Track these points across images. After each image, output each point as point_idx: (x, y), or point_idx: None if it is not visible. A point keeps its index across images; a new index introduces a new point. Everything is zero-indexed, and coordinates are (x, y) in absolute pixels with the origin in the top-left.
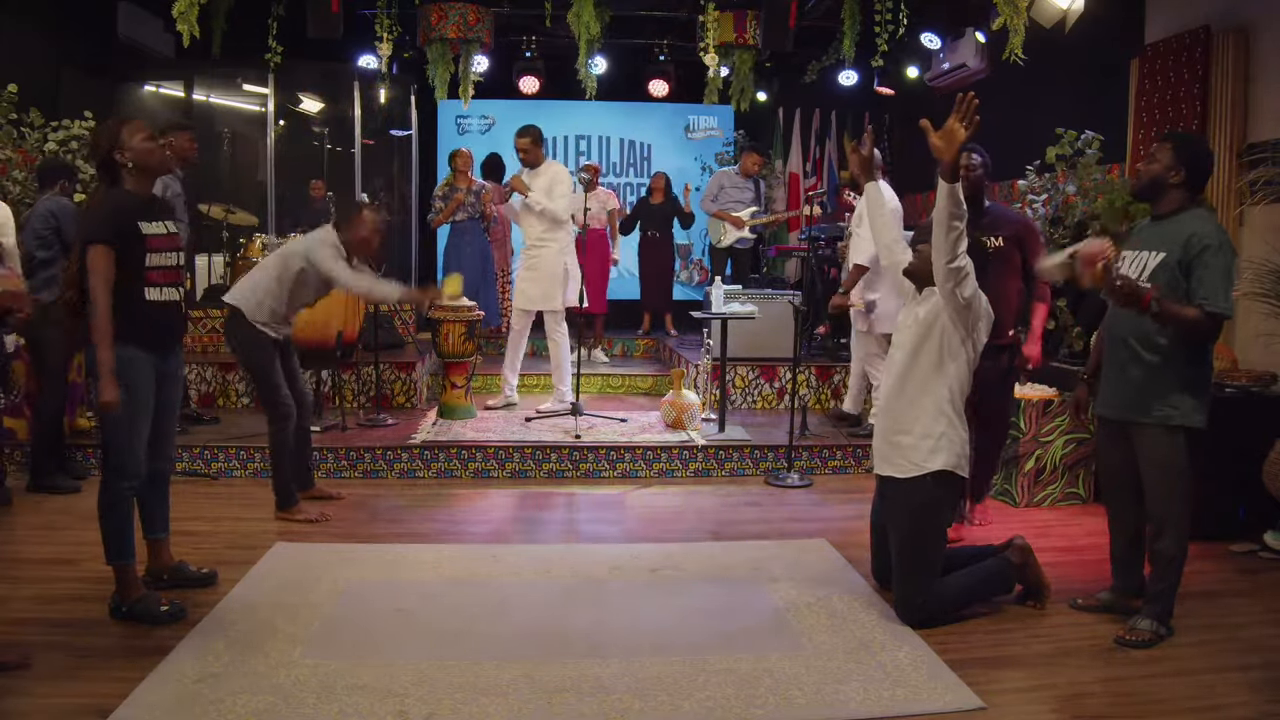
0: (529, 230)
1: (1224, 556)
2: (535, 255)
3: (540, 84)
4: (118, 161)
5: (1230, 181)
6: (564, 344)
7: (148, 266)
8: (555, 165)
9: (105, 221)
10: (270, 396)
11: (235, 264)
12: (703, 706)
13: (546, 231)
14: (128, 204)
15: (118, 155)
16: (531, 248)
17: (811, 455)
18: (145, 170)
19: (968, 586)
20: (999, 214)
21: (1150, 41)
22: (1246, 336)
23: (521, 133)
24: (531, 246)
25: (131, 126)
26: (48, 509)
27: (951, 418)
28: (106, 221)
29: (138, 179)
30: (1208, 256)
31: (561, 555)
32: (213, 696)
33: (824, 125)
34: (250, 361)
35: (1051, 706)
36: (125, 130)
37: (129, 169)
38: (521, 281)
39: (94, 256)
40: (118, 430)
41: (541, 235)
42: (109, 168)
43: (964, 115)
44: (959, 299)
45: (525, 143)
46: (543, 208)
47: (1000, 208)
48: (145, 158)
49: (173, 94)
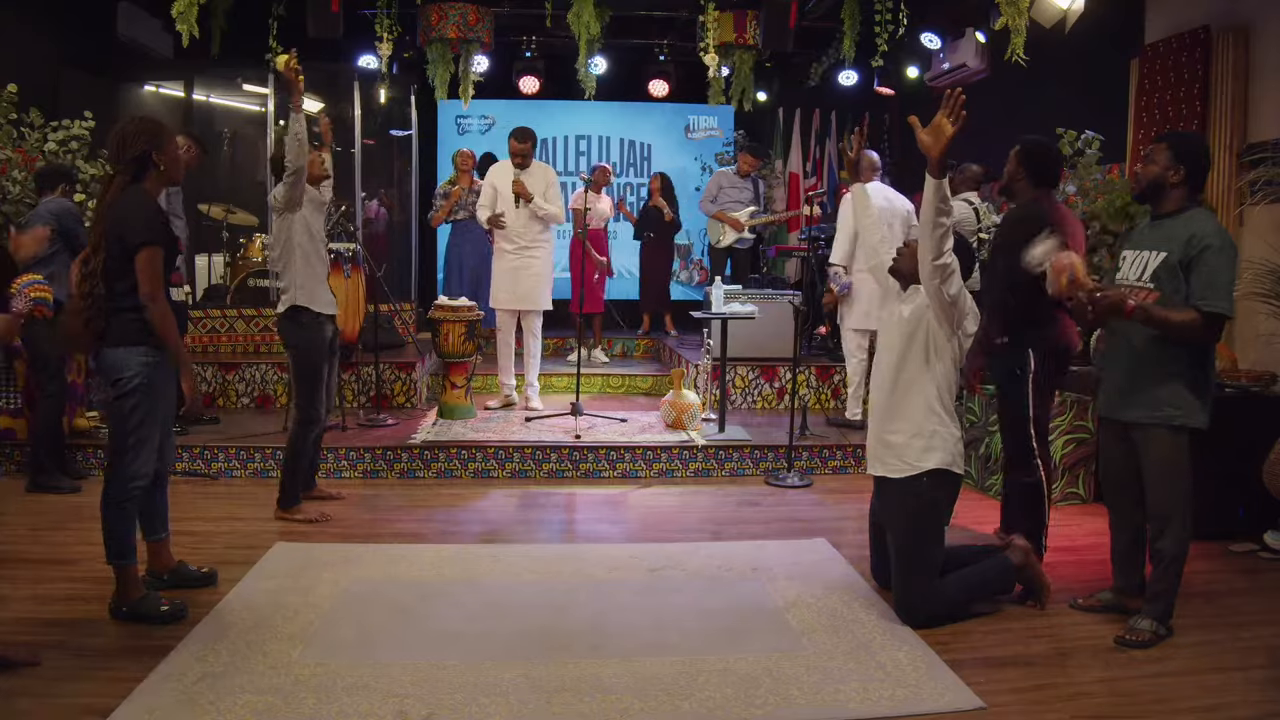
0: (524, 231)
1: (1224, 556)
2: (529, 256)
3: (540, 84)
4: (153, 161)
5: (1230, 181)
6: (540, 341)
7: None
8: (544, 166)
9: (155, 223)
10: (310, 400)
11: (235, 264)
12: (703, 706)
13: (542, 233)
14: (158, 205)
15: (155, 155)
16: (525, 248)
17: (811, 455)
18: (169, 180)
19: (967, 586)
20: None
21: (1150, 41)
22: (1246, 336)
23: (523, 137)
24: (525, 247)
25: (168, 133)
26: (48, 509)
27: (942, 415)
28: (156, 223)
29: (159, 184)
30: (1208, 256)
31: (561, 555)
32: (213, 696)
33: (824, 125)
34: (304, 363)
35: (1051, 706)
36: (166, 133)
37: (158, 172)
38: (508, 281)
39: (151, 259)
40: (137, 429)
41: (537, 236)
42: (140, 165)
43: (951, 111)
44: (945, 296)
45: (527, 147)
46: (546, 212)
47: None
48: (176, 168)
49: (173, 94)
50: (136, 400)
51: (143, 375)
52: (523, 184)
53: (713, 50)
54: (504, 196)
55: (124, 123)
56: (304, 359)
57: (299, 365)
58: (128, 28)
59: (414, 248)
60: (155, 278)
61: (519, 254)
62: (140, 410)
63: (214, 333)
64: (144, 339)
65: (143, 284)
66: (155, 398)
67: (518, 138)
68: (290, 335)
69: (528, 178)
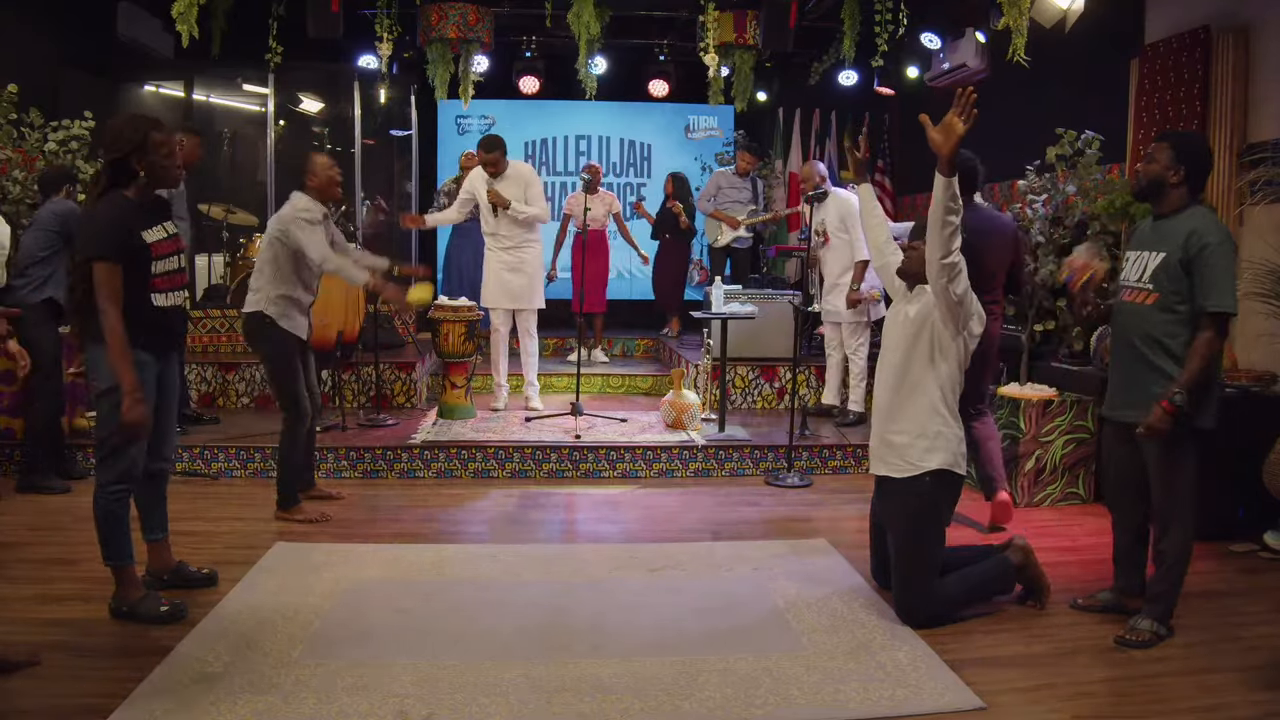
0: (510, 234)
1: (1224, 556)
2: (519, 257)
3: (540, 84)
4: (134, 167)
5: (1230, 181)
6: (536, 340)
7: (154, 274)
8: (521, 166)
9: (105, 236)
10: (291, 398)
11: (235, 264)
12: (703, 706)
13: (529, 233)
14: (126, 213)
15: (137, 162)
16: (513, 249)
17: (811, 455)
18: (155, 184)
19: (968, 586)
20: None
21: (1150, 41)
22: (1246, 336)
23: (490, 146)
24: (514, 249)
25: (157, 137)
26: (48, 509)
27: (946, 416)
28: (106, 236)
29: (143, 189)
30: (1208, 255)
31: (561, 555)
32: (212, 696)
33: (824, 125)
34: (276, 365)
35: (1051, 706)
36: (152, 139)
37: (142, 178)
38: (499, 282)
39: (99, 273)
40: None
41: (525, 237)
42: (121, 169)
43: (962, 110)
44: (951, 295)
45: (494, 157)
46: (527, 215)
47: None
48: (161, 175)
49: (173, 94)
50: (114, 400)
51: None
52: (497, 193)
53: (713, 50)
54: (484, 203)
55: (116, 119)
56: (274, 361)
57: (273, 367)
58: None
59: (414, 248)
60: (103, 290)
61: (508, 254)
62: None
63: (214, 333)
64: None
65: (96, 294)
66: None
67: (485, 148)
68: (253, 342)
69: (503, 185)
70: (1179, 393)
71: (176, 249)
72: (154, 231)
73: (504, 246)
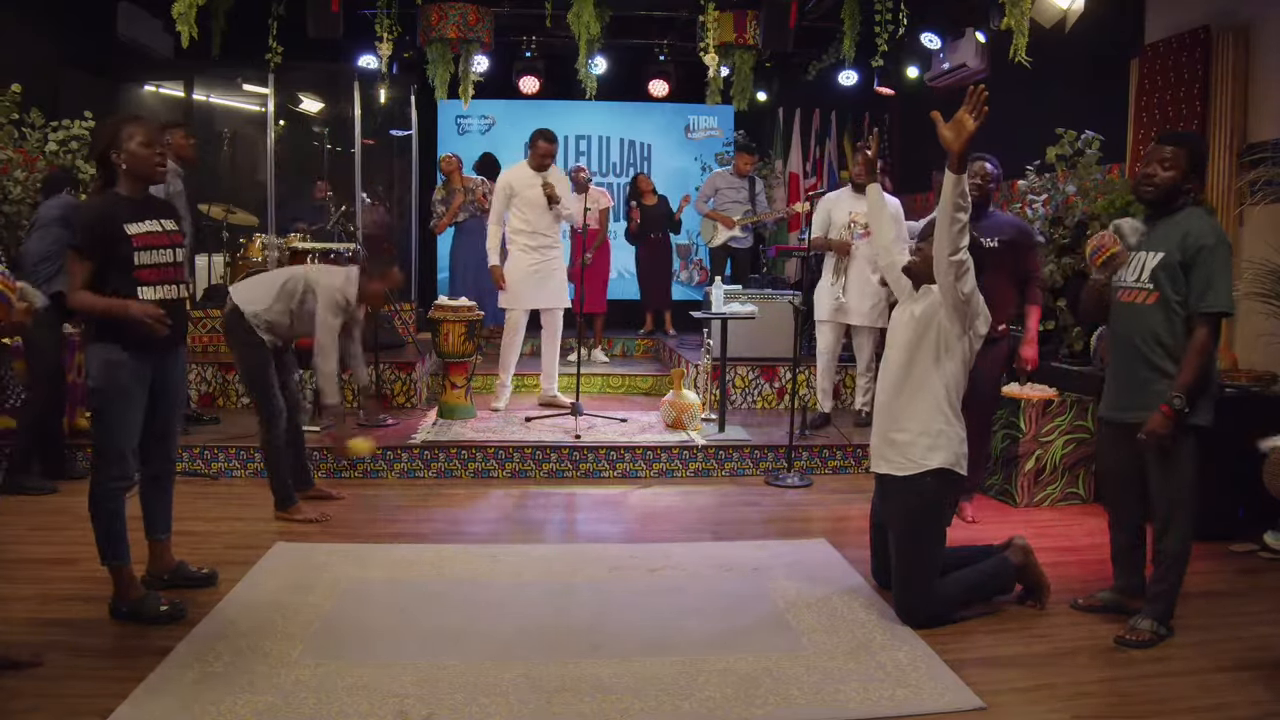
0: (550, 233)
1: (1224, 556)
2: (550, 256)
3: (540, 84)
4: (113, 162)
5: (1230, 181)
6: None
7: (138, 265)
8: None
9: (83, 229)
10: (262, 396)
11: (235, 264)
12: (703, 706)
13: (557, 232)
14: (114, 208)
15: (114, 156)
16: (547, 248)
17: (811, 455)
18: (137, 176)
19: (968, 586)
20: (1000, 219)
21: (1150, 41)
22: (1246, 336)
23: (553, 138)
24: (548, 247)
25: (131, 129)
26: (47, 509)
27: (949, 415)
28: (84, 229)
29: (131, 182)
30: (1204, 256)
31: (561, 555)
32: (213, 696)
33: (824, 125)
34: (245, 361)
35: (1051, 706)
36: (124, 132)
37: (123, 171)
38: (533, 282)
39: (69, 260)
40: (108, 431)
41: (556, 237)
42: (105, 166)
43: (974, 107)
44: (959, 293)
45: (554, 149)
46: (570, 212)
47: (1001, 213)
48: (137, 164)
49: (173, 94)
50: (100, 400)
51: (104, 376)
52: (553, 187)
53: (712, 50)
54: (525, 199)
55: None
56: (243, 356)
57: (246, 365)
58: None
59: (414, 249)
60: (72, 278)
61: (540, 253)
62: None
63: (214, 333)
64: (104, 336)
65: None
66: (120, 399)
67: (548, 139)
68: (228, 334)
69: (553, 180)
70: (1178, 396)
71: (169, 243)
72: (142, 224)
73: (539, 245)
